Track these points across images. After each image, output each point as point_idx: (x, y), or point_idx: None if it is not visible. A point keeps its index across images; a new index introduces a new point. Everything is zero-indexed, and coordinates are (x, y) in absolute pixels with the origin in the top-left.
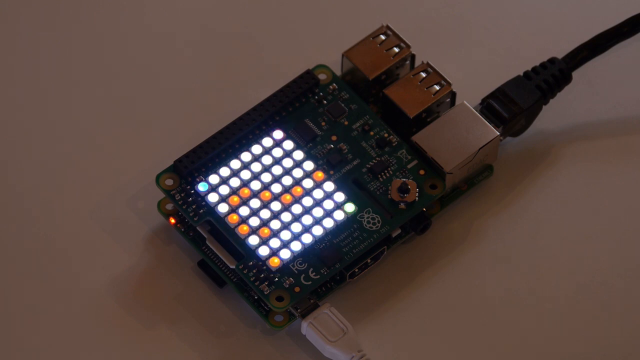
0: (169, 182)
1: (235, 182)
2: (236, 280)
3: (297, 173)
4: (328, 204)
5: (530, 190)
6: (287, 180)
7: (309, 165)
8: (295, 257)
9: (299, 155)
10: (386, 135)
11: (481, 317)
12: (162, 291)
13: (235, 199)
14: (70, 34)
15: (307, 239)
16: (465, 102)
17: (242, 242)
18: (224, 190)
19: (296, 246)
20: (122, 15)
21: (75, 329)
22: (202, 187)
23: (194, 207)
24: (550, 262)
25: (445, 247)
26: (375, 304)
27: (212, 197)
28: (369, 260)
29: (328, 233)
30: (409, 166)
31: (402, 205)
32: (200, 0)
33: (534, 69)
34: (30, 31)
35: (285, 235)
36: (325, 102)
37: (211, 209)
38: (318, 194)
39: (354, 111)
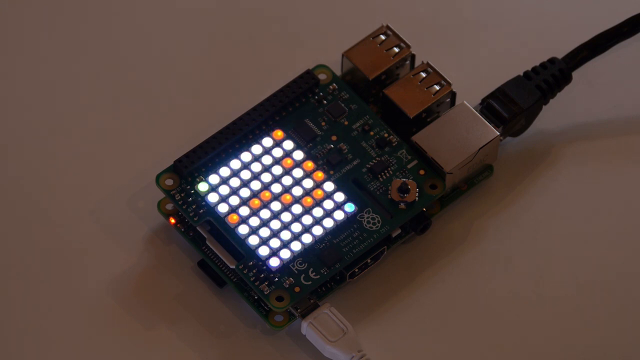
0: (169, 182)
1: (235, 182)
2: (236, 280)
3: (297, 173)
4: (328, 204)
5: (530, 190)
6: (287, 180)
7: (308, 165)
8: (295, 257)
9: (299, 155)
10: (386, 135)
11: (481, 317)
12: (162, 291)
13: (235, 199)
14: (71, 34)
15: (307, 239)
16: (465, 102)
17: (242, 242)
18: (224, 190)
19: (296, 246)
20: (122, 17)
21: (75, 329)
22: (202, 187)
23: (194, 207)
24: (550, 262)
25: (445, 247)
26: (375, 304)
27: (212, 197)
28: (369, 260)
29: (328, 233)
30: (409, 166)
31: (402, 205)
32: (200, 1)
33: (534, 69)
34: (30, 32)
35: (285, 235)
36: (325, 102)
37: (211, 209)
38: (318, 194)
39: (354, 111)
